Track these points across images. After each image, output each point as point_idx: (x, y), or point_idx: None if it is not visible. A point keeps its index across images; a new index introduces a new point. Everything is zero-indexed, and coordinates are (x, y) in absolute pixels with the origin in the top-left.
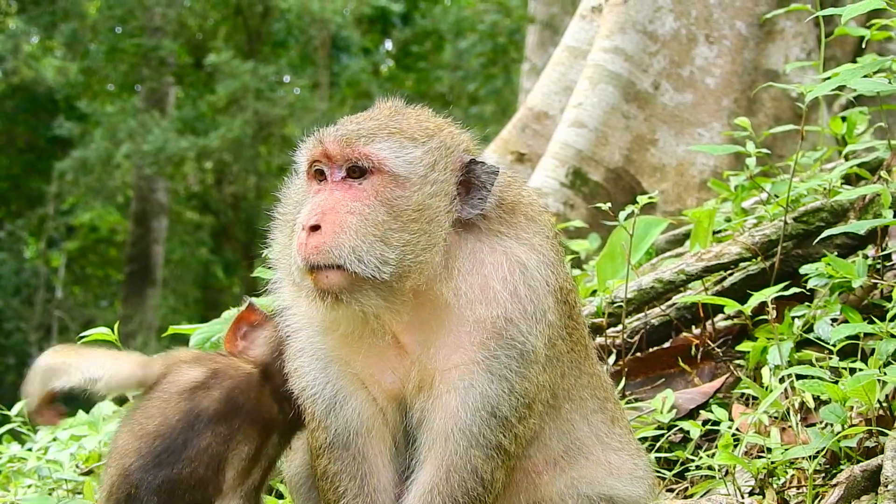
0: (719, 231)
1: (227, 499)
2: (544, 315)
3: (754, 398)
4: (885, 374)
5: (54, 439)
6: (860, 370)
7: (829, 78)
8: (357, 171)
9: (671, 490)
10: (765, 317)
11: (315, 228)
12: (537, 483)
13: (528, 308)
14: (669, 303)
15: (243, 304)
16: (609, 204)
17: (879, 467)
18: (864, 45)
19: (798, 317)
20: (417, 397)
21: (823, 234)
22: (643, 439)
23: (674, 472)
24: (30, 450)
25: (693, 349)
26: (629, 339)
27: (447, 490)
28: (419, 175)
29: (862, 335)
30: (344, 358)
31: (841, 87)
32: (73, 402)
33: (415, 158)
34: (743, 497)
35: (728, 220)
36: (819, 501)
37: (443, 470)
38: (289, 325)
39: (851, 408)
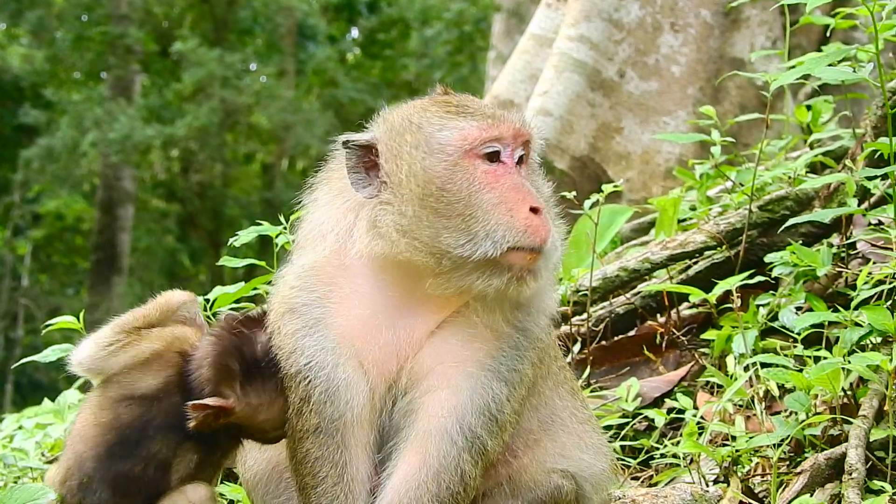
0: (684, 219)
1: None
2: (550, 314)
3: (719, 386)
4: (849, 362)
5: (20, 427)
6: (825, 359)
7: (794, 66)
8: (521, 159)
9: (636, 478)
10: (729, 305)
11: (535, 210)
12: (516, 466)
13: (544, 311)
14: (634, 291)
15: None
16: (574, 192)
17: (843, 455)
18: (829, 34)
19: (763, 305)
20: (412, 388)
21: (788, 223)
22: (608, 427)
23: (638, 460)
24: None
25: (658, 337)
26: (594, 328)
27: (435, 490)
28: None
29: (826, 324)
30: (357, 342)
31: (806, 76)
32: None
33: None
34: (707, 485)
35: (693, 208)
36: (783, 489)
37: (432, 468)
38: (297, 303)
39: (816, 396)
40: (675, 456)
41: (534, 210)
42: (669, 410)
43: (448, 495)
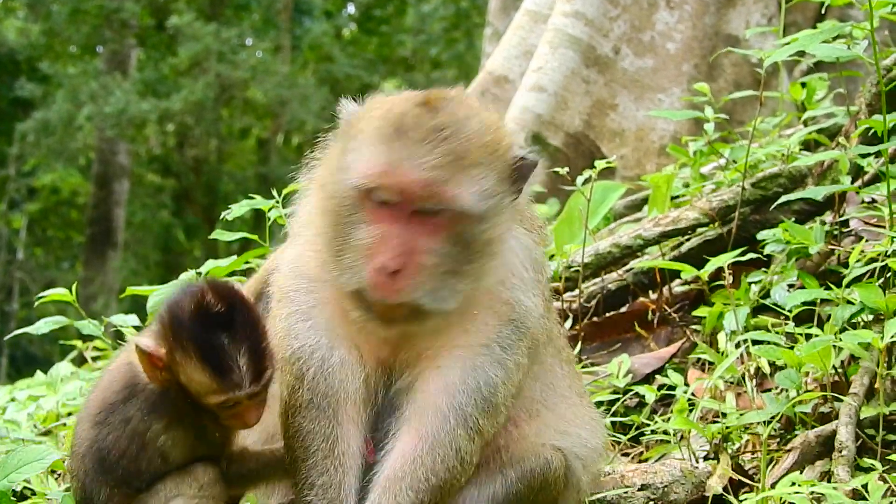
0: (677, 196)
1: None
2: (544, 297)
3: (710, 363)
4: (840, 340)
5: (12, 399)
6: (816, 336)
7: (788, 43)
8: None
9: (626, 454)
10: (721, 282)
11: (395, 273)
12: (515, 435)
13: (536, 295)
14: (626, 268)
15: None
16: (567, 169)
17: (834, 433)
18: (824, 12)
19: (755, 282)
20: (411, 368)
21: (781, 200)
22: (599, 404)
23: (629, 436)
24: None
25: (649, 314)
26: (586, 304)
27: (430, 463)
28: (492, 208)
29: (818, 301)
30: (349, 329)
31: (801, 53)
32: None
33: (489, 192)
34: (697, 462)
35: (686, 185)
36: (773, 466)
37: (427, 443)
38: (293, 286)
39: (807, 373)
40: (665, 432)
41: (392, 272)
42: (660, 387)
43: (444, 469)
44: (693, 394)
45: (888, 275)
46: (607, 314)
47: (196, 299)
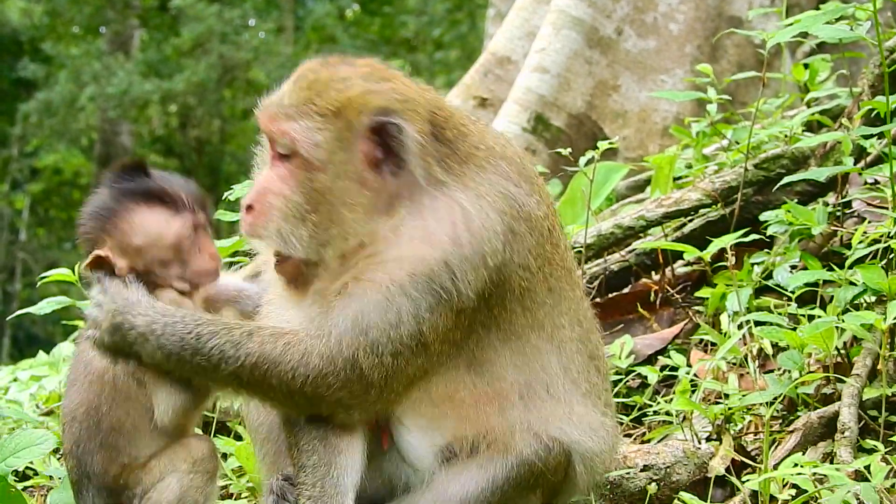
0: (680, 177)
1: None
2: (484, 260)
3: (713, 344)
4: (843, 321)
5: (14, 379)
6: (818, 317)
7: (791, 24)
8: (284, 150)
9: (628, 435)
10: (724, 263)
11: (250, 208)
12: (486, 412)
13: (467, 253)
14: (629, 248)
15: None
16: (570, 149)
17: (836, 414)
18: None
19: (757, 263)
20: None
21: (784, 181)
22: None
23: (631, 417)
24: None
25: (652, 295)
26: (588, 285)
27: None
28: (323, 159)
29: (821, 282)
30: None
31: (804, 34)
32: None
33: (321, 142)
34: (700, 442)
35: (689, 166)
36: (776, 447)
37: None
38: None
39: (809, 355)
40: (667, 413)
41: (248, 206)
42: (663, 368)
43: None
44: (695, 375)
45: (891, 256)
46: (610, 295)
47: (109, 178)
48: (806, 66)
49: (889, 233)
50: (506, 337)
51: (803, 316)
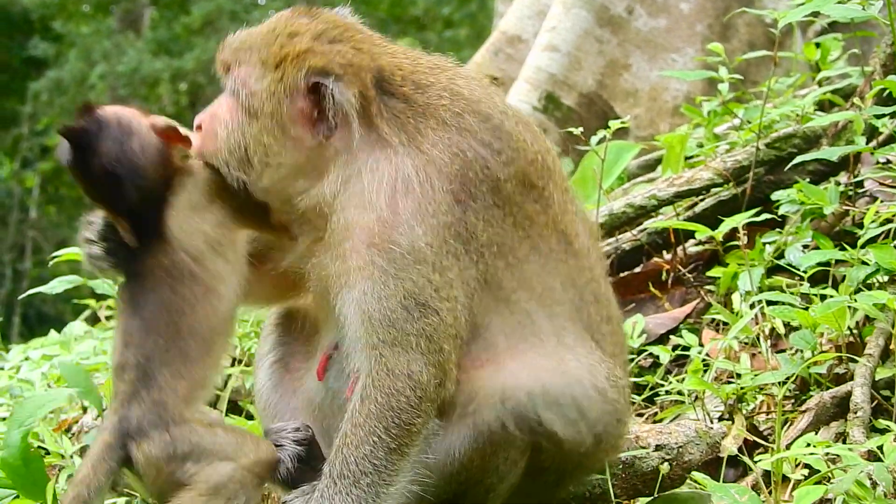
0: (691, 157)
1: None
2: (428, 217)
3: (724, 324)
4: (855, 300)
5: (26, 358)
6: (831, 297)
7: (803, 4)
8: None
9: (640, 415)
10: (736, 243)
11: (198, 127)
12: (476, 375)
13: (403, 212)
14: (640, 227)
15: None
16: (581, 129)
17: (849, 394)
18: None
19: (769, 243)
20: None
21: (795, 161)
22: None
23: (643, 396)
24: (1, 368)
25: (664, 274)
26: None
27: (368, 393)
28: (257, 109)
29: (833, 262)
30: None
31: (815, 14)
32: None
33: (257, 91)
34: (712, 422)
35: (700, 145)
36: (788, 427)
37: (364, 374)
38: None
39: (822, 334)
40: (679, 393)
41: (198, 126)
42: (674, 347)
43: (383, 394)
44: (707, 354)
45: None
46: (621, 274)
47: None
48: (817, 45)
49: None
50: (496, 298)
51: (815, 295)
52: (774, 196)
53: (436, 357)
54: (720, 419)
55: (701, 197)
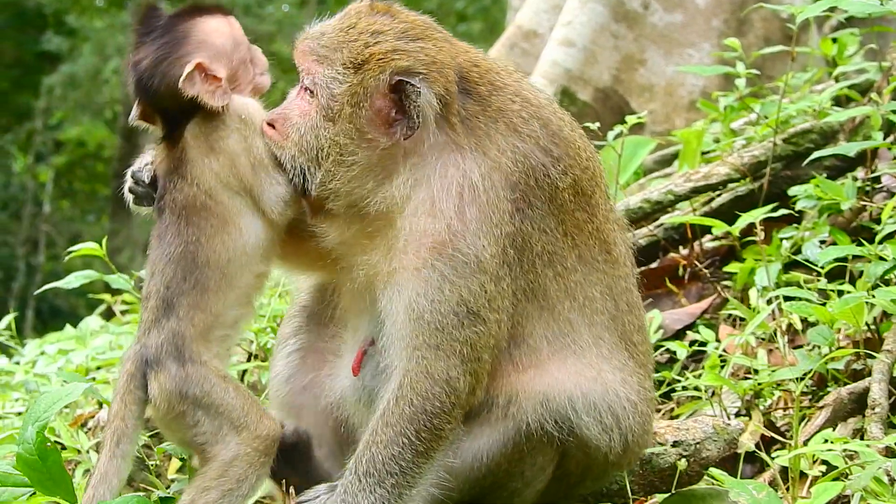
0: (708, 152)
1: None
2: (492, 227)
3: (741, 319)
4: (873, 296)
5: (41, 353)
6: (848, 292)
7: None
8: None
9: (657, 411)
10: (753, 238)
11: (271, 125)
12: (517, 379)
13: (470, 222)
14: (657, 223)
15: None
16: (597, 124)
17: (867, 390)
18: None
19: (786, 238)
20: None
21: (813, 156)
22: None
23: (660, 392)
24: (17, 363)
25: (680, 269)
26: None
27: (403, 393)
28: (336, 111)
29: (850, 257)
30: None
31: (832, 9)
32: (58, 316)
33: (337, 94)
34: (729, 418)
35: (717, 140)
36: (806, 423)
37: (399, 373)
38: None
39: (839, 330)
40: (696, 389)
41: (270, 124)
42: (691, 343)
43: (418, 396)
44: (724, 350)
45: None
46: (638, 269)
47: (148, 18)
48: (834, 40)
49: None
50: (541, 307)
51: (833, 291)
52: (791, 191)
53: (474, 365)
54: (737, 415)
55: (718, 192)
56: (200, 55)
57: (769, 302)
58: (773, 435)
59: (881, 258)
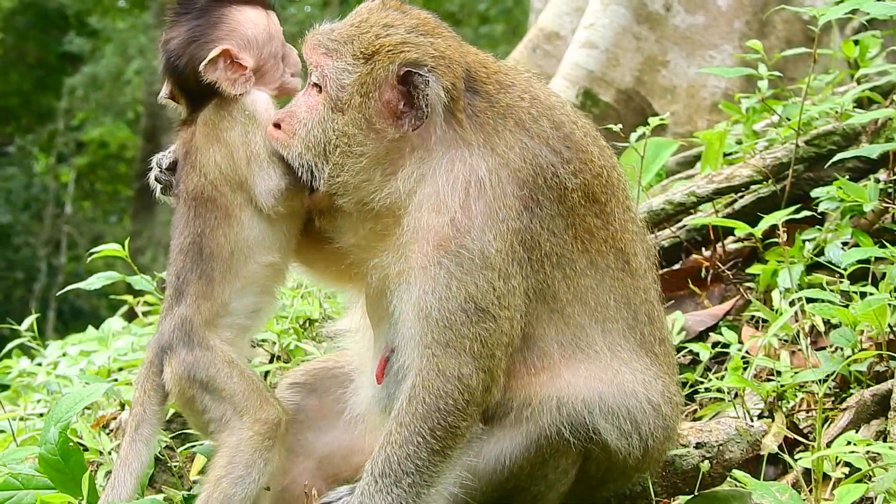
0: (730, 153)
1: None
2: (499, 222)
3: (764, 321)
4: (895, 298)
5: (63, 354)
6: (871, 294)
7: (842, 1)
8: (317, 80)
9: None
10: (775, 240)
11: (277, 125)
12: (530, 382)
13: (475, 217)
14: (680, 224)
15: None
16: (620, 125)
17: (889, 392)
18: None
19: (809, 240)
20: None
21: (835, 158)
22: None
23: (683, 394)
24: (39, 364)
25: (703, 271)
26: None
27: (416, 392)
28: (345, 102)
29: (873, 259)
30: None
31: (854, 11)
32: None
33: (346, 84)
34: (752, 420)
35: (739, 142)
36: (829, 425)
37: (412, 373)
38: None
39: (862, 332)
40: (719, 390)
41: (276, 124)
42: (714, 344)
43: (431, 395)
44: (747, 352)
45: None
46: (661, 271)
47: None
48: (856, 42)
49: None
50: (551, 310)
51: (855, 293)
52: (814, 193)
53: (487, 362)
54: (760, 417)
55: (740, 194)
56: (229, 42)
57: (792, 304)
58: (796, 437)
59: None
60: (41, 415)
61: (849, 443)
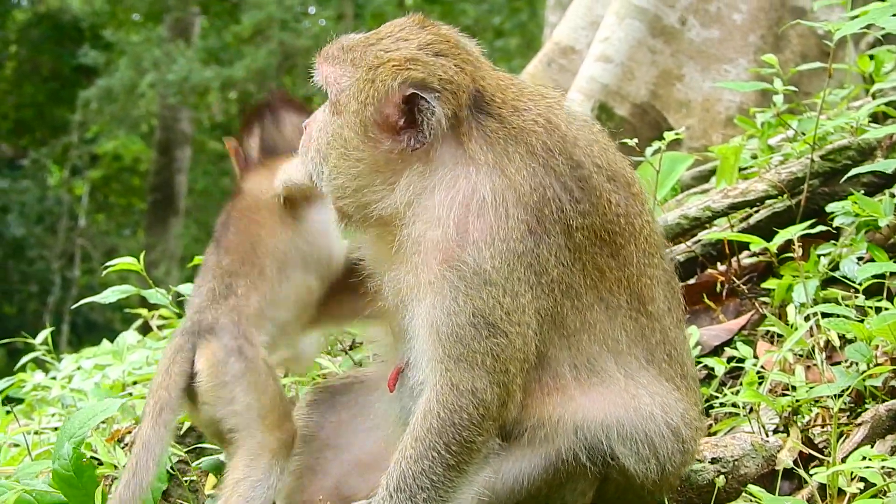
0: (745, 168)
1: None
2: (498, 241)
3: (779, 336)
4: None
5: (78, 368)
6: (886, 309)
7: (857, 16)
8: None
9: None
10: (790, 254)
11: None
12: (544, 402)
13: (473, 233)
14: (695, 239)
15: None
16: (635, 139)
17: None
18: None
19: (824, 255)
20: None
21: (850, 173)
22: None
23: (698, 409)
24: (54, 378)
25: (718, 286)
26: None
27: (431, 407)
28: (343, 105)
29: (888, 274)
30: None
31: (869, 26)
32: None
33: (345, 87)
34: (767, 435)
35: (754, 156)
36: (844, 440)
37: (427, 388)
38: None
39: (877, 347)
40: (734, 405)
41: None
42: (729, 359)
43: (446, 409)
44: (762, 366)
45: None
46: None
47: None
48: (871, 57)
49: None
50: (561, 335)
51: (870, 308)
52: (829, 208)
53: (501, 377)
54: (775, 432)
55: (755, 209)
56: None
57: (807, 318)
58: (812, 452)
59: None
60: (56, 429)
61: (864, 458)
